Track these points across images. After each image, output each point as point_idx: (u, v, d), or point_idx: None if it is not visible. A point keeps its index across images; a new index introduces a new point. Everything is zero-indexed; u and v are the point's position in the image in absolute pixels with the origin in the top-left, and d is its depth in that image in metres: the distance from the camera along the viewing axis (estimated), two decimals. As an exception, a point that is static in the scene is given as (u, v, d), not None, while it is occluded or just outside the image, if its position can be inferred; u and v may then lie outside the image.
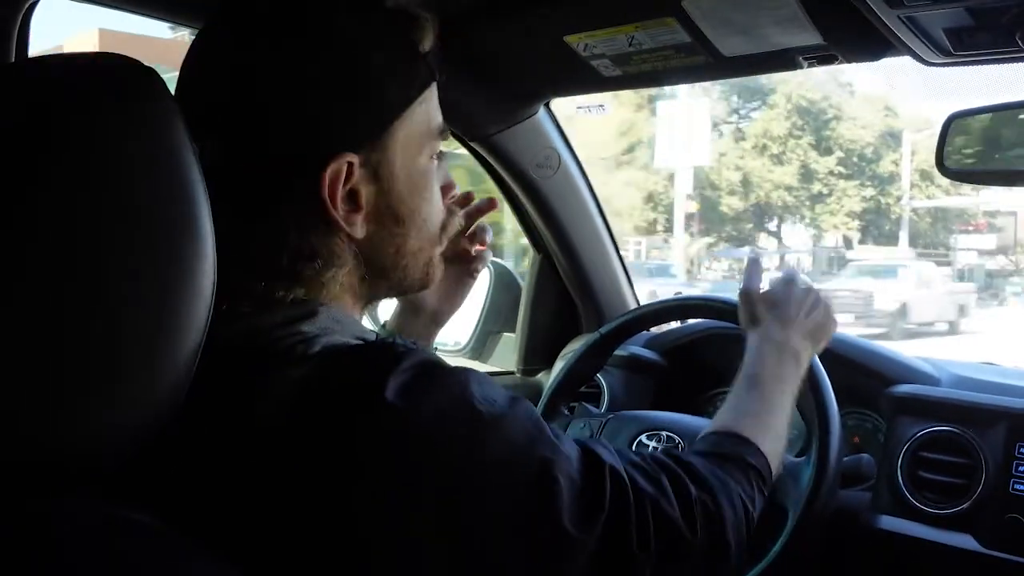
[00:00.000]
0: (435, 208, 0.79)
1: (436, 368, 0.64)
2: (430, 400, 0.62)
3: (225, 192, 0.63)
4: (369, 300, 0.79)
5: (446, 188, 0.82)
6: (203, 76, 0.71)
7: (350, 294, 0.75)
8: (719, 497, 0.77)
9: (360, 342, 0.66)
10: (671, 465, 0.77)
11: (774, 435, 0.93)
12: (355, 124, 0.70)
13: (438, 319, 1.08)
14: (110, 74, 0.56)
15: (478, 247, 1.03)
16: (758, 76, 1.34)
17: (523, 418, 0.66)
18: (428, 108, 0.75)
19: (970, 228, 23.89)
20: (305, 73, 0.68)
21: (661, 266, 19.40)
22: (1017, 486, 1.15)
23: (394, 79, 0.71)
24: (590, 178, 1.71)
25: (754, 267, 1.14)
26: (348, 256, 0.72)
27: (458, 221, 0.87)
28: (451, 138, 1.23)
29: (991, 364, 1.53)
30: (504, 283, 1.88)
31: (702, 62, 1.23)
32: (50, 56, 0.57)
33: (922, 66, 1.08)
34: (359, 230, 0.72)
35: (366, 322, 0.88)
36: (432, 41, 0.74)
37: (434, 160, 0.78)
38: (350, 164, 0.69)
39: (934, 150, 1.11)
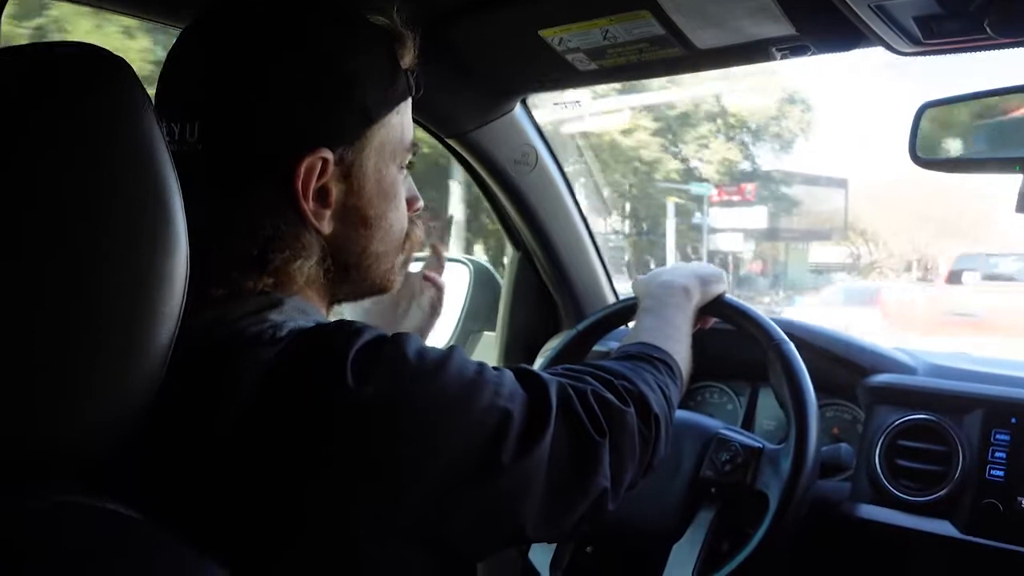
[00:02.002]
0: (400, 216, 0.83)
1: (384, 341, 0.69)
2: (382, 369, 0.66)
3: (201, 177, 0.68)
4: (332, 299, 0.83)
5: (411, 200, 0.85)
6: (191, 62, 0.75)
7: (315, 290, 0.79)
8: (635, 380, 0.87)
9: (321, 325, 0.70)
10: (587, 367, 0.87)
11: (674, 341, 1.04)
12: (333, 123, 0.73)
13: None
14: (79, 63, 0.56)
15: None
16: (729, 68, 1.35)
17: (460, 363, 0.71)
18: (403, 121, 0.80)
19: (731, 198, 18.31)
20: (290, 70, 0.72)
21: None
22: (993, 472, 1.17)
23: (375, 86, 0.75)
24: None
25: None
26: (315, 249, 0.76)
27: (420, 234, 0.91)
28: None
29: (965, 353, 1.55)
30: (483, 281, 1.88)
31: (677, 55, 1.23)
32: (19, 45, 0.57)
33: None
34: (326, 226, 0.75)
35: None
36: (413, 59, 0.79)
37: (403, 171, 0.82)
38: (324, 160, 0.73)
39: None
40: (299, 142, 0.72)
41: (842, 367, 1.39)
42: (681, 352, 1.04)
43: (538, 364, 1.62)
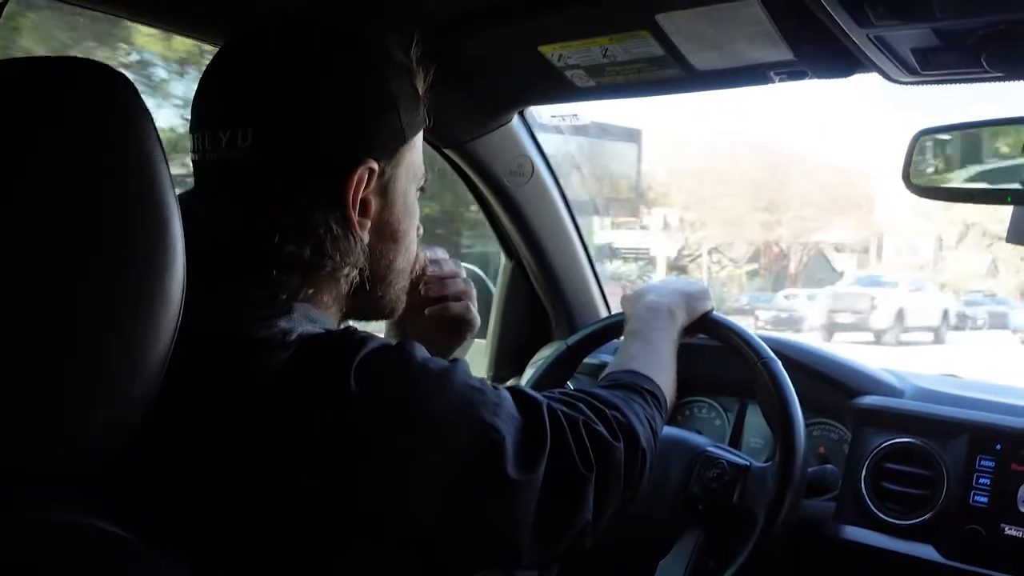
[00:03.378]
0: (415, 238, 0.88)
1: (388, 348, 0.72)
2: (385, 375, 0.69)
3: (252, 182, 0.73)
4: (346, 313, 0.84)
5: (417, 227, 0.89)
6: (242, 73, 0.77)
7: (333, 300, 0.80)
8: (626, 412, 0.89)
9: (327, 333, 0.73)
10: (581, 394, 0.88)
11: (660, 369, 1.05)
12: (379, 137, 0.78)
13: None
14: (81, 78, 0.56)
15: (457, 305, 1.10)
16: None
17: (463, 377, 0.74)
18: (420, 146, 0.85)
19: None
20: (343, 83, 0.76)
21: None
22: (977, 498, 1.18)
23: (406, 108, 0.79)
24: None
25: None
26: (359, 256, 0.79)
27: (423, 258, 0.97)
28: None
29: (953, 376, 1.56)
30: (475, 289, 1.88)
31: (675, 75, 1.24)
32: (18, 59, 0.57)
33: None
34: (365, 236, 0.79)
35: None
36: (426, 91, 0.83)
37: (418, 194, 0.86)
38: (371, 172, 0.77)
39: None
40: (353, 151, 0.76)
41: (830, 386, 1.40)
42: (667, 381, 1.05)
43: (527, 375, 1.63)
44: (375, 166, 0.77)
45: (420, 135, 0.84)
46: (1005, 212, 1.13)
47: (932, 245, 19.77)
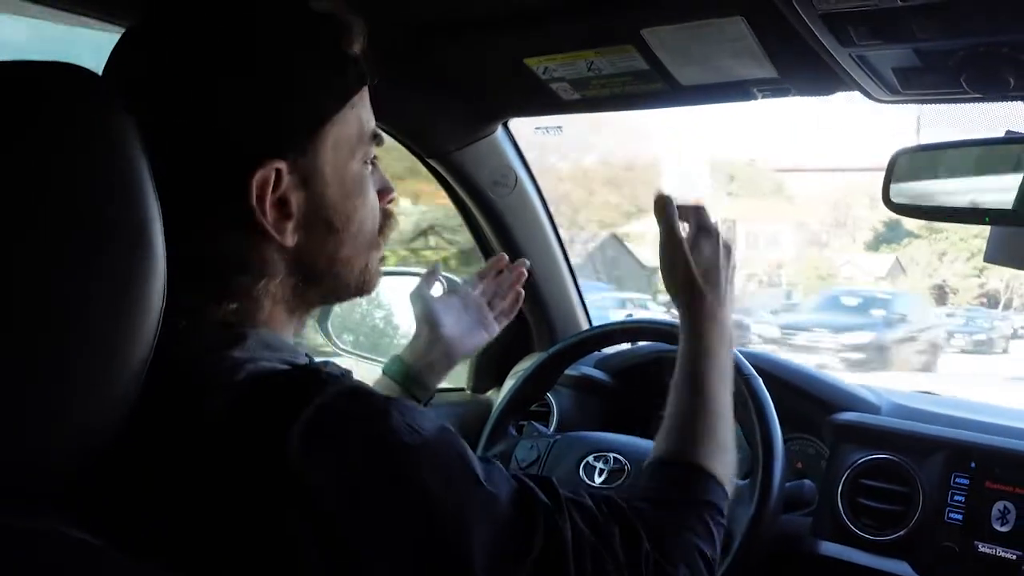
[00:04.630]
0: (370, 212, 0.77)
1: (352, 401, 0.63)
2: (336, 443, 0.60)
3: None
4: (304, 311, 0.77)
5: (383, 192, 0.79)
6: (133, 72, 0.68)
7: (284, 308, 0.73)
8: (676, 561, 0.74)
9: (287, 367, 0.66)
10: (625, 514, 0.73)
11: (724, 449, 0.87)
12: (280, 131, 0.68)
13: (452, 352, 1.12)
14: (57, 80, 0.56)
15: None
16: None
17: (445, 456, 0.64)
18: (360, 113, 0.73)
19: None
20: (228, 81, 0.66)
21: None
22: (952, 515, 1.18)
23: (320, 85, 0.70)
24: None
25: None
26: (280, 266, 0.71)
27: (395, 224, 0.83)
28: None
29: (930, 393, 1.57)
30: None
31: (659, 89, 1.24)
32: None
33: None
34: (289, 238, 0.70)
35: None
36: (362, 45, 0.73)
37: (368, 165, 0.76)
38: (278, 171, 0.67)
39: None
40: (247, 157, 0.66)
41: (808, 402, 1.41)
42: (728, 464, 0.87)
43: (507, 385, 1.62)
44: (281, 165, 0.67)
45: (356, 101, 0.72)
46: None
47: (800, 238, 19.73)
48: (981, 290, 18.44)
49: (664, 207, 0.97)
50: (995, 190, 1.09)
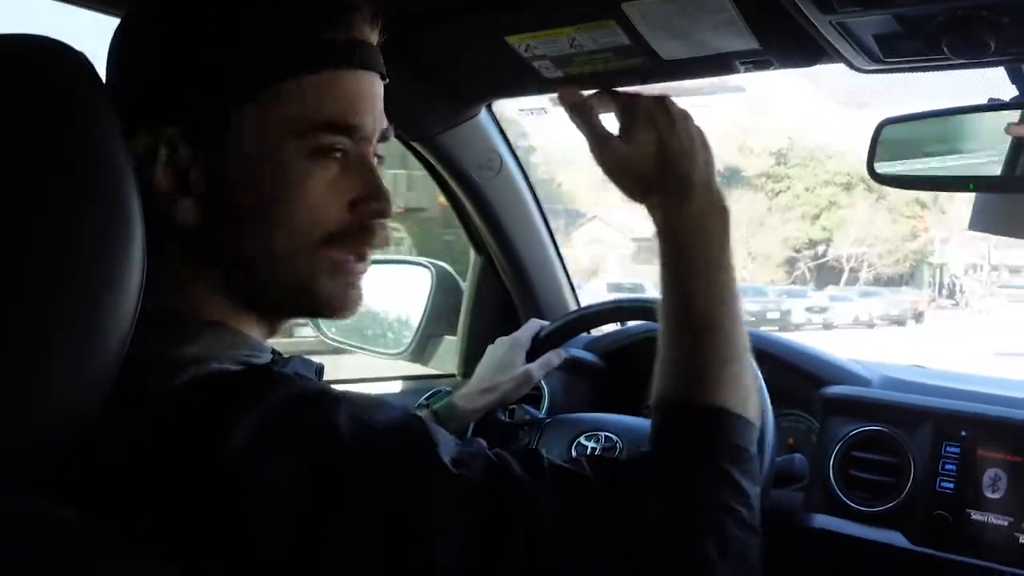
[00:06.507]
0: (312, 210, 0.67)
1: (307, 405, 0.60)
2: (281, 446, 0.58)
3: None
4: (272, 315, 0.72)
5: (364, 197, 0.70)
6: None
7: (237, 305, 0.69)
8: (698, 534, 0.67)
9: (238, 367, 0.64)
10: (630, 479, 0.68)
11: (741, 374, 0.75)
12: (179, 98, 0.65)
13: (487, 386, 1.26)
14: (36, 56, 0.55)
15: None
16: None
17: (399, 448, 0.61)
18: (309, 97, 0.66)
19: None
20: (140, 44, 0.68)
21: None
22: (943, 484, 1.19)
23: (253, 57, 0.65)
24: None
25: None
26: (176, 246, 0.66)
27: (374, 239, 0.72)
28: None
29: (919, 366, 1.57)
30: (446, 286, 1.87)
31: (642, 65, 1.23)
32: None
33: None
34: (188, 215, 0.65)
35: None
36: (352, 29, 0.69)
37: (323, 159, 0.68)
38: (170, 138, 0.64)
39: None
40: (141, 112, 0.63)
41: (798, 377, 1.41)
42: (749, 389, 0.76)
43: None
44: (173, 131, 0.64)
45: (312, 81, 0.66)
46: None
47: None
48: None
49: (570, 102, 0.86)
50: (979, 158, 1.09)
